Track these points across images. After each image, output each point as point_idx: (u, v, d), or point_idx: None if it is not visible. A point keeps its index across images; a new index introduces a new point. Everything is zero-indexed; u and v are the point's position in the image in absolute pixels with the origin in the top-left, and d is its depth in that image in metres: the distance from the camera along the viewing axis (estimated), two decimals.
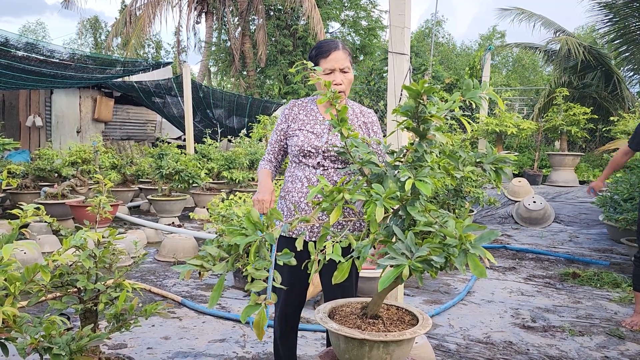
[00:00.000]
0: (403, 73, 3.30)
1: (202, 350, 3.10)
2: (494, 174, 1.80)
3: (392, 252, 1.38)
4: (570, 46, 10.28)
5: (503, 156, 1.80)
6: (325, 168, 2.22)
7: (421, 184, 1.50)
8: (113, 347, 3.09)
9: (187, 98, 9.78)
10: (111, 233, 2.37)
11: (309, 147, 2.22)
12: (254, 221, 1.35)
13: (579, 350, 3.21)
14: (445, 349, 3.22)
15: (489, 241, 1.36)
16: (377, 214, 1.44)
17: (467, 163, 1.83)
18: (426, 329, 1.63)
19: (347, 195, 1.49)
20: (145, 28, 14.57)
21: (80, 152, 6.97)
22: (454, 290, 4.50)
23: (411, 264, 1.32)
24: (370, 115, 2.35)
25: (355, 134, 1.82)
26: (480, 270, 1.33)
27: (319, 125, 2.26)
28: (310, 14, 13.83)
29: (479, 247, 1.35)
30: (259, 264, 1.32)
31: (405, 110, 1.65)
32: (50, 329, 1.57)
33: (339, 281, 1.51)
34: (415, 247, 1.42)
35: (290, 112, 2.34)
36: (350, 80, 2.26)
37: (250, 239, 1.33)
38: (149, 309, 1.77)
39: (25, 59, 7.58)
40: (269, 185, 2.24)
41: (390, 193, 1.50)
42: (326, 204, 1.50)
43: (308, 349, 3.14)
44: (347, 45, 2.34)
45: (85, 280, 2.22)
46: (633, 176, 5.55)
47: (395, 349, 1.59)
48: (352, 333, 1.60)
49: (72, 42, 30.79)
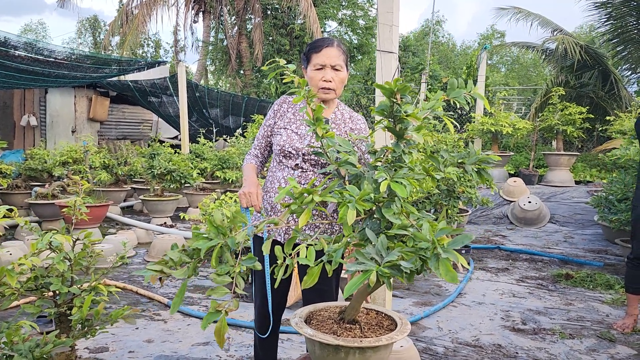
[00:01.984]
0: (391, 72, 3.25)
1: (184, 353, 3.05)
2: (475, 175, 1.75)
3: (361, 257, 1.33)
4: (567, 45, 10.23)
5: (485, 157, 1.75)
6: (304, 170, 2.16)
7: (397, 186, 1.44)
8: (94, 350, 3.03)
9: (182, 97, 9.72)
10: (86, 235, 2.32)
11: (289, 148, 2.15)
12: (217, 225, 1.30)
13: (569, 354, 3.16)
14: (433, 352, 3.16)
15: (462, 245, 1.31)
16: (348, 217, 1.39)
17: (449, 164, 1.78)
18: (404, 334, 1.58)
19: (317, 198, 1.44)
20: (140, 27, 14.51)
21: (72, 152, 6.92)
22: (445, 292, 4.45)
23: (379, 269, 1.27)
24: (359, 123, 2.26)
25: (331, 133, 1.76)
26: (451, 276, 1.27)
27: (305, 126, 2.18)
28: (307, 13, 13.77)
29: (451, 251, 1.30)
30: (221, 269, 1.27)
31: (381, 109, 1.60)
32: (12, 335, 1.52)
33: (309, 286, 1.46)
34: (385, 251, 1.37)
35: (280, 108, 2.27)
36: (342, 80, 2.17)
37: (211, 244, 1.27)
38: (114, 315, 1.72)
39: (20, 57, 7.52)
40: (254, 179, 2.16)
41: (364, 195, 1.45)
42: (295, 206, 1.45)
43: (293, 352, 3.09)
44: (344, 45, 2.26)
45: (59, 284, 2.17)
46: (627, 176, 5.50)
47: (372, 355, 1.54)
48: (327, 339, 1.55)
49: (72, 42, 30.77)
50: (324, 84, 2.12)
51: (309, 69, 2.16)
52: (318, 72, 2.12)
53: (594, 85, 11.19)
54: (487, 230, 7.41)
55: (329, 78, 2.13)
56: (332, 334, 1.63)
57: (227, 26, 16.96)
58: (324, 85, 2.12)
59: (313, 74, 2.13)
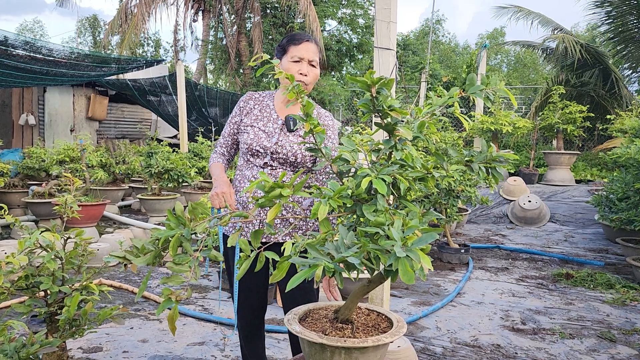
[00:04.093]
0: (389, 69, 3.22)
1: (179, 353, 3.01)
2: (483, 174, 1.69)
3: (315, 252, 1.30)
4: (567, 44, 10.18)
5: (498, 155, 1.68)
6: (273, 168, 2.12)
7: (377, 182, 1.41)
8: (88, 350, 3.00)
9: (181, 96, 9.68)
10: (78, 233, 2.28)
11: (257, 147, 2.11)
12: (177, 215, 1.29)
13: (569, 354, 3.12)
14: (431, 352, 3.12)
15: (426, 243, 1.25)
16: (320, 212, 1.37)
17: (455, 162, 1.71)
18: (394, 337, 1.54)
19: (286, 192, 1.40)
20: (139, 26, 14.47)
21: (69, 151, 6.88)
22: (444, 292, 4.41)
23: (325, 265, 1.24)
24: (326, 119, 2.21)
25: (323, 130, 1.72)
26: (409, 277, 1.22)
27: (272, 124, 2.14)
28: (307, 12, 13.71)
29: (413, 250, 1.25)
30: (179, 258, 1.25)
31: (364, 102, 1.57)
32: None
33: (278, 279, 1.41)
34: (345, 247, 1.34)
35: (246, 105, 2.22)
36: (315, 76, 2.15)
37: (170, 233, 1.28)
38: (102, 315, 1.68)
39: (18, 56, 7.48)
40: (225, 178, 2.10)
41: (340, 191, 1.42)
42: (264, 200, 1.41)
43: (288, 352, 3.05)
44: (317, 41, 2.23)
45: (50, 283, 2.13)
46: (628, 175, 5.45)
47: (358, 356, 1.51)
48: (312, 337, 1.53)
49: (71, 41, 30.71)
50: (300, 77, 2.08)
51: (285, 60, 2.12)
52: (295, 65, 2.09)
53: (594, 84, 11.14)
54: (487, 230, 7.36)
55: (306, 72, 2.10)
56: (321, 332, 1.60)
57: (226, 25, 16.93)
58: (300, 79, 2.09)
59: (290, 66, 2.09)
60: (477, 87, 1.57)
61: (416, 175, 1.59)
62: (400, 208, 1.66)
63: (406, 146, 1.61)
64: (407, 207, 1.66)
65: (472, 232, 7.14)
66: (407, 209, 1.57)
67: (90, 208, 5.63)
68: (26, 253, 2.07)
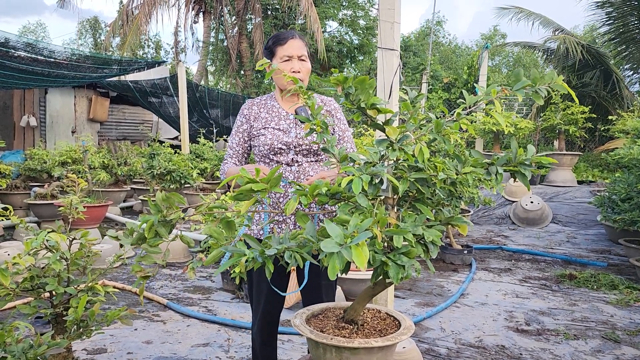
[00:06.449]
0: (393, 69, 3.21)
1: (184, 355, 3.00)
2: (501, 178, 1.65)
3: (254, 244, 1.39)
4: (568, 45, 10.18)
5: (537, 158, 1.62)
6: (299, 163, 2.13)
7: (355, 182, 1.42)
8: (92, 351, 2.99)
9: (182, 98, 9.69)
10: (83, 234, 2.27)
11: (279, 144, 2.12)
12: (157, 203, 1.42)
13: (573, 355, 3.12)
14: (436, 353, 3.12)
15: (361, 240, 1.20)
16: (288, 207, 1.41)
17: (476, 164, 1.65)
18: (389, 342, 1.53)
19: (257, 186, 1.41)
20: (141, 27, 14.49)
21: (71, 152, 6.87)
22: (447, 293, 4.40)
23: (249, 257, 1.31)
24: (331, 103, 2.26)
25: (327, 131, 1.73)
26: (333, 272, 1.21)
27: (284, 121, 2.17)
28: (308, 13, 13.73)
29: (348, 247, 1.23)
30: (152, 241, 1.41)
31: (345, 102, 1.58)
32: (5, 336, 1.48)
33: None
34: (288, 241, 1.39)
35: (250, 111, 2.23)
36: (308, 70, 2.16)
37: (149, 218, 1.41)
38: (110, 315, 1.67)
39: (19, 57, 7.49)
40: (251, 166, 2.11)
41: (315, 188, 1.45)
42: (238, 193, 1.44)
43: (294, 353, 3.05)
44: (303, 36, 2.24)
45: (55, 284, 2.12)
46: (631, 175, 5.44)
47: (349, 357, 1.51)
48: (304, 332, 1.58)
49: (72, 43, 30.74)
50: (293, 75, 2.09)
51: (275, 62, 2.14)
52: (286, 64, 2.11)
53: (595, 85, 11.14)
54: (489, 231, 7.36)
55: (298, 68, 2.12)
56: (320, 330, 1.61)
57: (227, 26, 16.94)
58: (294, 76, 2.10)
59: (281, 66, 2.11)
60: (523, 83, 1.50)
61: (420, 176, 1.58)
62: (409, 208, 1.66)
63: (407, 146, 1.59)
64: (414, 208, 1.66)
65: (475, 233, 7.14)
66: (408, 210, 1.58)
67: (93, 209, 5.63)
68: (32, 254, 2.06)
